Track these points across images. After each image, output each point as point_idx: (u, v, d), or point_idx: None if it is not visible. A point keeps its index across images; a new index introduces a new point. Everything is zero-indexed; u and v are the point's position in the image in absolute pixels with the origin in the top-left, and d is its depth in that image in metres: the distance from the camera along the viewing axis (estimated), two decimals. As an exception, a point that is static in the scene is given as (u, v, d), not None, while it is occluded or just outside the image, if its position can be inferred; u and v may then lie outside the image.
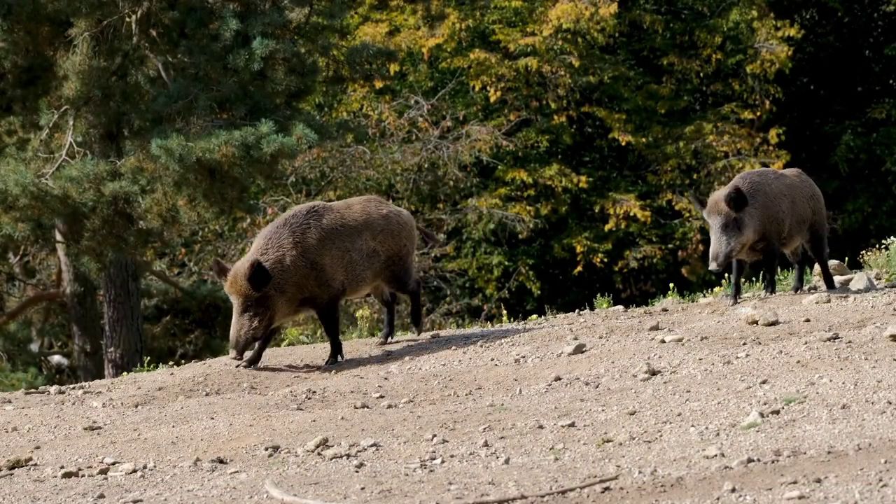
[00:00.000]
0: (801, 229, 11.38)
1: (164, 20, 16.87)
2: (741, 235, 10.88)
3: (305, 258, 9.75)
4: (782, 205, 11.15)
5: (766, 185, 11.15)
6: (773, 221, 11.06)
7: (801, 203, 11.35)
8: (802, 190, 11.40)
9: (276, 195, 23.80)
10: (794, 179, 11.45)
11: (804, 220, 11.36)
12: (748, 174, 11.37)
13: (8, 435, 8.36)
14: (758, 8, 26.63)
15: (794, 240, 11.40)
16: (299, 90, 17.48)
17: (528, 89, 26.07)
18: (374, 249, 10.07)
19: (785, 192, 11.24)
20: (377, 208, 10.20)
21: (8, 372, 22.06)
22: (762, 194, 11.05)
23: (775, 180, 11.30)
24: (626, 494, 5.54)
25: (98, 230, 16.73)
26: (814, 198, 11.47)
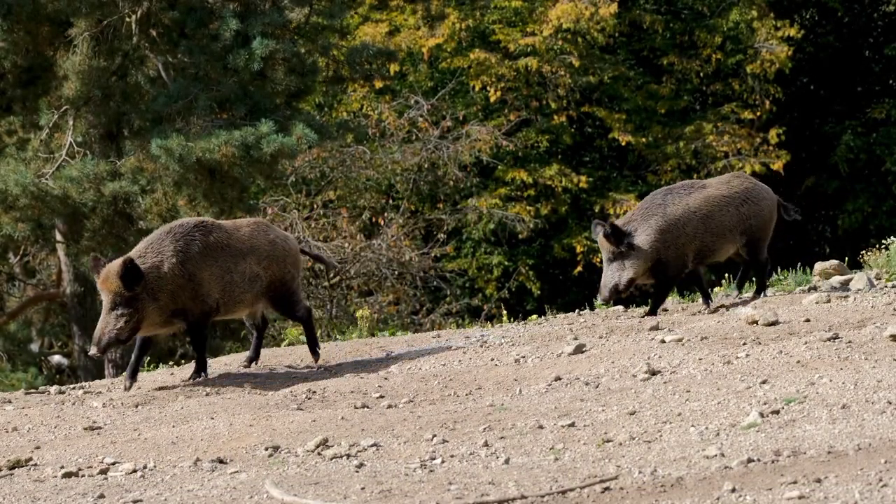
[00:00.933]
0: (730, 238, 11.18)
1: (164, 20, 16.88)
2: (626, 270, 10.82)
3: (184, 269, 9.56)
4: (687, 227, 10.95)
5: (669, 206, 10.96)
6: (670, 246, 10.91)
7: (726, 212, 11.12)
8: (730, 198, 11.17)
9: (276, 195, 23.80)
10: (717, 189, 11.20)
11: (731, 228, 11.15)
12: (656, 193, 11.20)
13: (8, 435, 8.36)
14: (758, 8, 26.64)
15: (720, 251, 11.22)
16: (299, 90, 17.50)
17: (528, 89, 26.07)
18: (256, 273, 9.85)
19: (696, 208, 11.02)
20: (265, 233, 9.99)
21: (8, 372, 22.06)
22: (660, 218, 10.88)
23: (686, 196, 11.08)
24: (626, 494, 5.54)
25: (98, 230, 16.74)
26: (748, 202, 11.23)
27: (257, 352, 10.22)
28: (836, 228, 27.65)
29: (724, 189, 11.24)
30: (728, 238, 11.18)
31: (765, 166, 26.03)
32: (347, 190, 24.91)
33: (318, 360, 10.19)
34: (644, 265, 10.89)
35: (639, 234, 10.86)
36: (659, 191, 11.30)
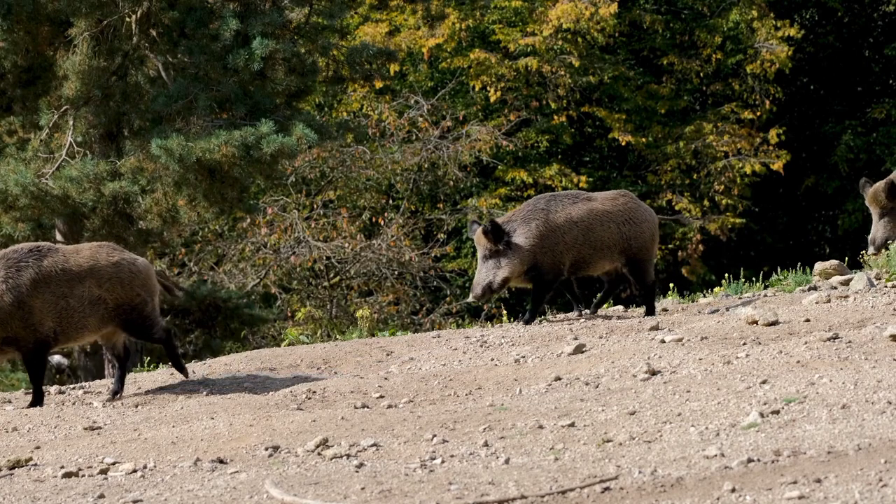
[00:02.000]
0: (608, 254, 11.15)
1: (164, 20, 16.88)
2: (502, 269, 10.84)
3: (13, 296, 9.26)
4: (567, 236, 10.96)
5: (551, 213, 10.95)
6: (547, 252, 10.91)
7: (607, 229, 11.10)
8: (612, 215, 11.15)
9: (276, 195, 23.81)
10: (602, 204, 11.20)
11: (610, 245, 11.12)
12: (539, 198, 11.19)
13: (8, 435, 8.36)
14: (758, 8, 26.64)
15: (596, 266, 11.21)
16: (299, 90, 17.50)
17: (528, 89, 26.08)
18: (98, 297, 9.52)
19: (579, 219, 11.01)
20: (108, 255, 9.70)
21: (8, 372, 22.06)
22: (541, 223, 10.88)
23: (570, 206, 11.07)
24: (626, 494, 5.54)
25: (98, 230, 16.73)
26: (630, 222, 11.20)
27: (121, 384, 9.70)
28: (836, 228, 27.65)
29: (609, 205, 11.21)
30: (605, 254, 11.15)
31: (765, 166, 26.04)
32: (347, 190, 24.92)
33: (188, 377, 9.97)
34: (520, 266, 10.89)
35: (518, 235, 10.86)
36: (542, 196, 11.27)
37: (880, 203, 11.84)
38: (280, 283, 24.55)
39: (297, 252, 23.58)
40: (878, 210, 11.87)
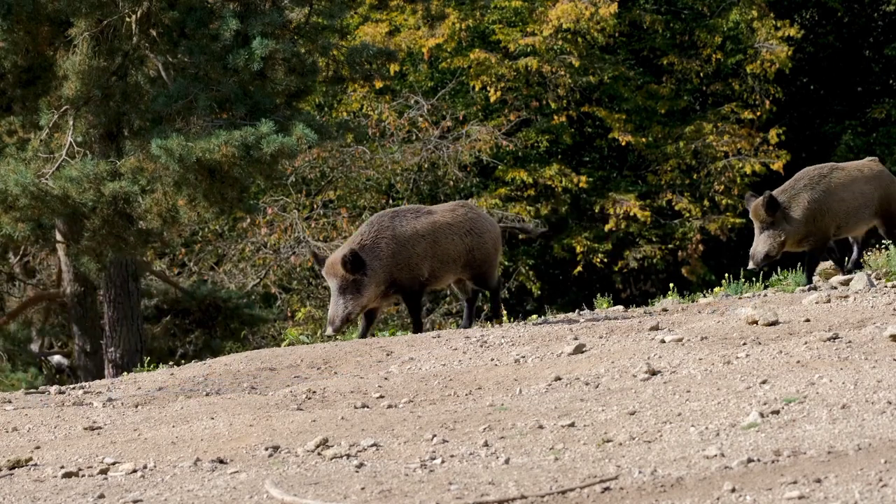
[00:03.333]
0: (453, 267, 11.20)
1: (164, 20, 16.87)
2: (360, 297, 10.86)
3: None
4: (417, 248, 10.99)
5: (397, 229, 10.99)
6: (403, 268, 10.94)
7: (451, 240, 11.14)
8: (455, 226, 11.18)
9: (276, 195, 23.82)
10: (443, 216, 11.23)
11: (456, 257, 11.16)
12: (380, 216, 11.22)
13: (8, 435, 8.36)
14: (758, 8, 26.65)
15: (442, 279, 11.26)
16: (299, 90, 17.49)
17: (528, 89, 26.08)
18: None
19: (424, 232, 11.05)
20: None
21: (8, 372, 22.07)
22: (390, 240, 10.91)
23: (414, 220, 11.11)
24: (626, 494, 5.54)
25: (98, 230, 16.74)
26: (472, 233, 11.24)
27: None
28: (836, 228, 27.65)
29: (450, 217, 11.24)
30: (451, 267, 11.20)
31: (765, 166, 26.05)
32: (347, 190, 24.93)
33: None
34: (377, 290, 10.93)
35: (372, 260, 10.88)
36: (385, 213, 11.29)
37: (760, 217, 11.93)
38: (280, 283, 24.57)
39: (297, 252, 23.59)
40: (759, 224, 11.99)
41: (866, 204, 12.35)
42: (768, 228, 11.94)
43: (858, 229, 12.57)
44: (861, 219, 12.41)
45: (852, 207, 12.28)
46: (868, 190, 12.35)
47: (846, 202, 12.24)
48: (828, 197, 12.12)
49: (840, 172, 12.35)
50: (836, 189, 12.18)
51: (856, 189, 12.30)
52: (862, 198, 12.32)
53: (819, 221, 12.08)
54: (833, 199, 12.16)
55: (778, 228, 11.95)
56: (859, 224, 12.47)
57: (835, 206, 12.16)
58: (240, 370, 10.03)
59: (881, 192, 12.43)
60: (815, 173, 12.28)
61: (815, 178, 12.21)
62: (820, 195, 12.08)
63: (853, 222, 12.39)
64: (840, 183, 12.23)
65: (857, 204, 12.30)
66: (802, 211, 12.00)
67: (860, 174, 12.39)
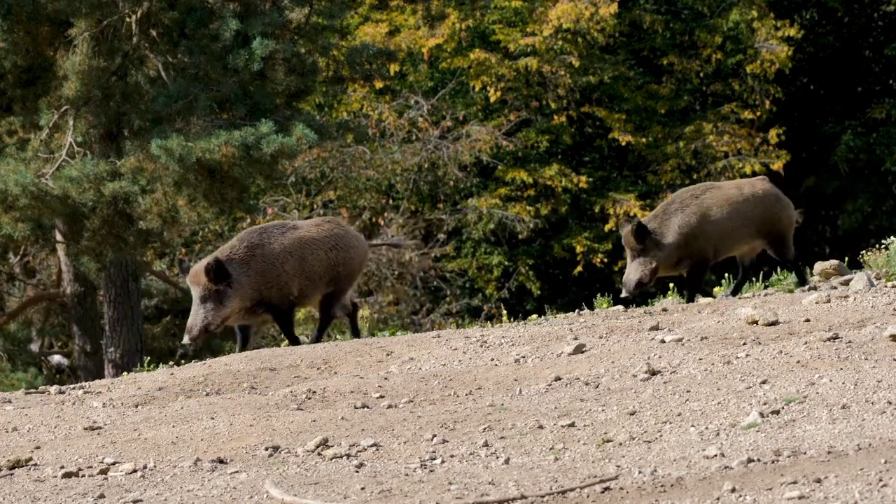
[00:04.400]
0: (320, 284, 11.16)
1: (164, 20, 16.88)
2: (222, 309, 10.77)
3: None
4: (286, 265, 10.92)
5: (267, 246, 10.90)
6: (273, 286, 10.87)
7: (317, 256, 11.08)
8: (320, 242, 11.13)
9: (276, 195, 23.82)
10: (308, 232, 11.16)
11: (322, 273, 11.11)
12: (249, 232, 11.12)
13: (8, 435, 8.36)
14: (758, 8, 26.65)
15: (311, 297, 11.20)
16: (299, 90, 17.50)
17: (528, 89, 26.08)
18: None
19: (292, 248, 10.98)
20: None
21: (8, 372, 22.06)
22: (261, 258, 10.84)
23: (280, 236, 11.02)
24: (626, 494, 5.54)
25: (98, 230, 16.74)
26: (338, 248, 11.20)
27: None
28: (836, 228, 27.66)
29: (315, 232, 11.17)
30: (318, 284, 11.15)
31: (765, 166, 26.05)
32: (347, 190, 24.93)
33: None
34: (240, 304, 10.86)
35: (240, 275, 10.79)
36: (253, 229, 11.19)
37: (631, 245, 11.88)
38: (280, 283, 24.54)
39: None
40: (631, 252, 11.92)
41: (744, 224, 12.10)
42: (640, 256, 11.82)
43: (739, 250, 12.36)
44: (740, 239, 12.17)
45: (728, 228, 12.04)
46: (746, 210, 12.11)
47: (720, 223, 12.02)
48: (700, 219, 11.93)
49: (715, 192, 12.12)
50: (708, 210, 11.98)
51: (731, 209, 12.06)
52: (739, 218, 12.07)
53: (693, 245, 11.92)
54: (706, 221, 11.96)
55: (649, 255, 11.83)
56: (739, 245, 12.24)
57: (708, 228, 11.95)
58: (240, 370, 10.03)
59: (762, 212, 12.17)
60: (688, 195, 12.10)
61: (686, 201, 12.01)
62: (690, 218, 11.91)
63: (731, 243, 12.16)
64: (713, 204, 12.01)
65: (732, 224, 12.06)
66: (673, 236, 11.85)
67: (738, 193, 12.15)
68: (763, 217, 12.20)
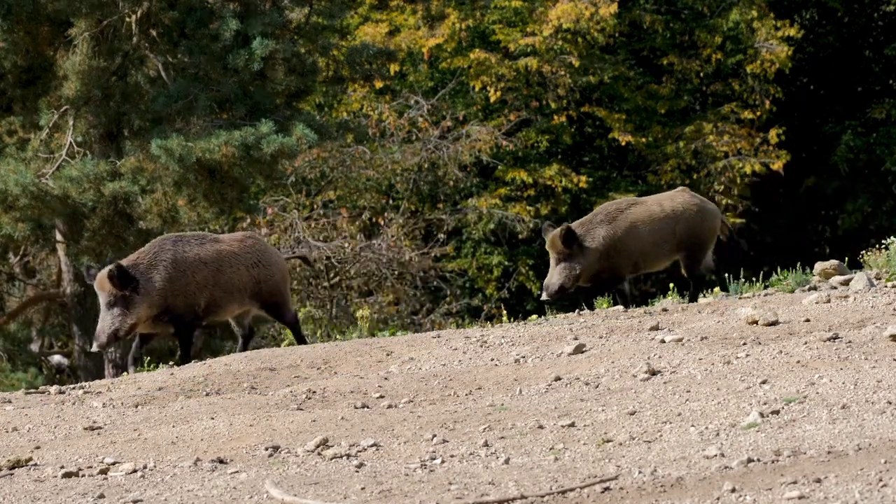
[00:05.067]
0: (238, 298, 11.08)
1: (164, 20, 16.88)
2: (129, 315, 10.72)
3: None
4: (197, 275, 10.84)
5: (178, 255, 10.82)
6: (179, 295, 10.80)
7: (237, 270, 11.01)
8: (241, 256, 11.05)
9: (276, 195, 23.81)
10: (230, 245, 11.09)
11: (241, 288, 11.02)
12: (163, 239, 11.07)
13: (8, 435, 8.36)
14: (758, 8, 26.64)
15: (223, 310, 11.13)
16: (299, 90, 17.50)
17: (528, 89, 26.08)
18: None
19: (207, 259, 10.91)
20: None
21: (8, 372, 22.06)
22: (169, 265, 10.76)
23: (198, 246, 10.95)
24: (626, 494, 5.54)
25: (98, 230, 16.75)
26: (260, 265, 11.11)
27: None
28: (836, 228, 27.66)
29: (237, 246, 11.11)
30: (236, 297, 11.07)
31: (765, 166, 26.05)
32: (347, 190, 24.92)
33: None
34: (148, 311, 10.80)
35: (146, 281, 10.75)
36: (168, 237, 11.15)
37: (557, 249, 11.83)
38: (280, 283, 24.52)
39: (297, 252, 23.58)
40: (556, 255, 11.86)
41: (665, 240, 12.10)
42: (565, 261, 11.80)
43: (660, 265, 12.40)
44: (661, 255, 12.20)
45: (649, 244, 12.05)
46: (667, 225, 12.11)
47: (642, 239, 12.02)
48: (623, 234, 11.93)
49: (638, 208, 12.12)
50: (632, 226, 11.98)
51: (654, 225, 12.06)
52: (660, 234, 12.07)
53: (613, 259, 11.93)
54: (629, 237, 11.95)
55: (574, 261, 11.81)
56: (660, 260, 12.26)
57: (630, 244, 11.96)
58: (240, 370, 10.03)
59: (684, 226, 12.16)
60: (613, 208, 12.09)
61: (612, 214, 12.00)
62: (615, 231, 11.92)
63: (652, 259, 12.19)
64: (637, 219, 12.01)
65: (654, 240, 12.07)
66: (598, 246, 11.85)
67: (660, 209, 12.13)
68: (685, 231, 12.19)
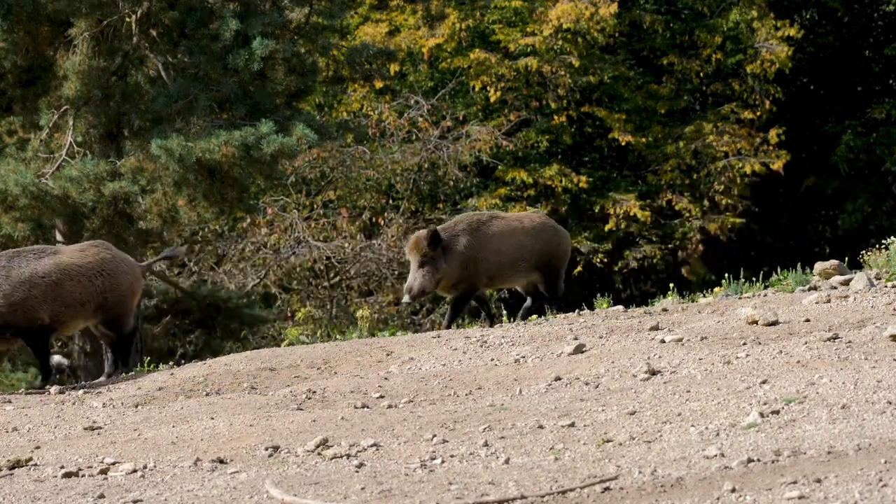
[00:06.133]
0: (83, 311, 10.93)
1: (164, 20, 16.88)
2: None
3: None
4: (34, 290, 10.65)
5: (13, 270, 10.66)
6: (18, 311, 10.63)
7: (78, 283, 10.86)
8: (83, 268, 10.91)
9: (276, 195, 23.81)
10: (70, 257, 10.95)
11: (85, 301, 10.86)
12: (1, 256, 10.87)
13: (8, 435, 8.37)
14: (758, 8, 26.64)
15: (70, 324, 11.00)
16: (299, 90, 17.50)
17: (528, 89, 26.08)
18: None
19: (44, 273, 10.73)
20: None
21: (8, 372, 22.05)
22: (3, 280, 10.58)
23: (35, 261, 10.78)
24: (626, 494, 5.55)
25: (98, 230, 16.74)
26: (104, 274, 10.97)
27: None
28: (836, 228, 27.66)
29: (78, 258, 10.95)
30: (79, 311, 10.92)
31: (765, 166, 26.05)
32: (347, 190, 24.92)
33: None
34: None
35: None
36: (6, 252, 11.01)
37: (421, 251, 11.84)
38: (280, 283, 24.56)
39: (297, 252, 23.59)
40: (419, 258, 11.87)
41: (524, 257, 12.18)
42: (428, 264, 11.83)
43: (515, 282, 12.45)
44: (518, 272, 12.26)
45: (507, 260, 12.11)
46: (527, 242, 12.20)
47: (501, 254, 12.08)
48: (483, 246, 11.98)
49: (499, 222, 12.18)
50: (491, 239, 12.02)
51: (513, 241, 12.14)
52: (519, 251, 12.15)
53: (472, 269, 11.98)
54: (487, 250, 12.01)
55: (436, 265, 11.84)
56: (516, 277, 12.32)
57: (489, 257, 12.02)
58: (240, 370, 10.03)
59: (542, 246, 12.26)
60: (475, 219, 12.14)
61: (473, 224, 12.06)
62: (476, 242, 11.96)
63: (508, 275, 12.25)
64: (497, 233, 12.07)
65: (512, 257, 12.13)
66: (459, 254, 11.91)
67: (520, 226, 12.23)
68: (543, 251, 12.26)
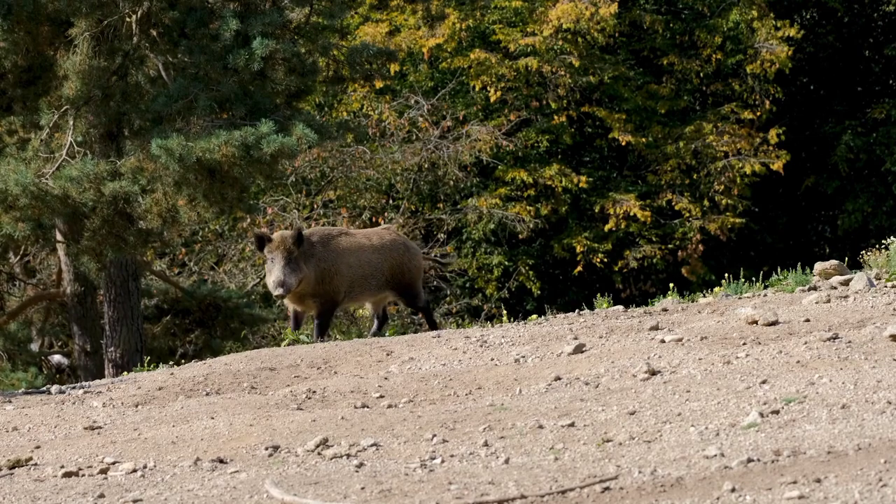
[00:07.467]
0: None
1: (164, 20, 16.87)
2: None
3: None
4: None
5: None
6: None
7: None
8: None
9: (276, 195, 23.81)
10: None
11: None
12: None
13: (8, 435, 8.37)
14: (758, 8, 26.64)
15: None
16: (299, 90, 17.48)
17: (528, 89, 26.08)
18: None
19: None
20: None
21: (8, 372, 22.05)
22: None
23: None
24: (626, 494, 5.55)
25: (98, 230, 16.73)
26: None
27: None
28: (836, 228, 27.66)
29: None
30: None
31: (765, 166, 26.05)
32: (347, 190, 24.93)
33: None
34: None
35: None
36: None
37: (287, 247, 11.95)
38: (280, 282, 24.52)
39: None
40: (285, 254, 11.97)
41: (373, 274, 12.33)
42: (292, 262, 11.94)
43: (366, 298, 12.59)
44: (368, 289, 12.41)
45: (359, 275, 12.26)
46: (376, 259, 12.36)
47: (353, 268, 12.24)
48: (337, 259, 12.14)
49: (348, 238, 12.37)
50: (343, 253, 12.20)
51: (362, 257, 12.31)
52: (369, 267, 12.31)
53: (328, 283, 12.14)
54: (342, 263, 12.17)
55: (300, 263, 11.98)
56: (366, 293, 12.47)
57: (343, 270, 12.18)
58: (240, 370, 10.03)
59: (391, 263, 12.42)
60: (325, 233, 12.34)
61: (325, 238, 12.26)
62: (330, 255, 12.14)
63: (359, 291, 12.38)
64: (347, 248, 12.25)
65: (363, 273, 12.28)
66: (315, 265, 12.10)
67: (368, 242, 12.38)
68: (393, 268, 12.43)
